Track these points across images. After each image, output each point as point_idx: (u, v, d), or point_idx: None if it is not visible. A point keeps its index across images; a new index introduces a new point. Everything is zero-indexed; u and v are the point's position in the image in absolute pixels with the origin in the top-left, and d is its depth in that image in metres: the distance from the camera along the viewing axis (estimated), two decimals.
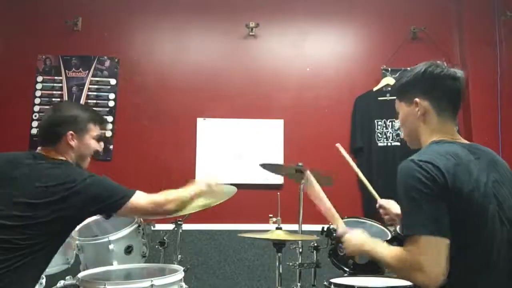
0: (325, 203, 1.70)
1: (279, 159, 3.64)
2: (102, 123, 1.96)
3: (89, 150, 1.85)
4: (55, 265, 2.44)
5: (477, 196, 1.27)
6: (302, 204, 2.64)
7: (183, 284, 2.02)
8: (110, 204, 1.68)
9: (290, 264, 2.56)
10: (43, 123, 1.85)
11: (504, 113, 3.66)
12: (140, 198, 1.73)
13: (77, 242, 2.37)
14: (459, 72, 1.46)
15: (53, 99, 3.71)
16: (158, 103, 3.73)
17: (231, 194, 2.24)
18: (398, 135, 3.60)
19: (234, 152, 3.66)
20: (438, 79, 1.44)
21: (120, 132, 3.69)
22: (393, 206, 1.85)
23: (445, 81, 1.44)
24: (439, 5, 3.94)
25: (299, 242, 2.64)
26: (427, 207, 1.24)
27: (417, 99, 1.46)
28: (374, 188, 2.16)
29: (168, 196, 1.80)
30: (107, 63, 3.78)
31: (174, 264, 2.37)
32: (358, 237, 1.53)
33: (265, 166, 2.75)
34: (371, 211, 3.07)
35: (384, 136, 3.65)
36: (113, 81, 3.76)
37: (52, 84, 3.73)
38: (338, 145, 2.19)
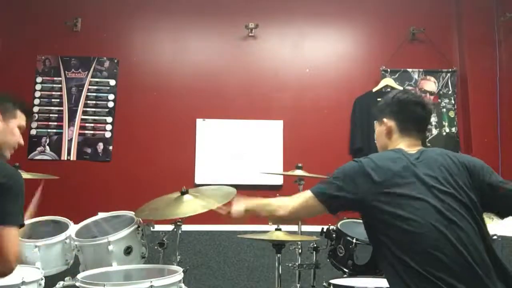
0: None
1: (278, 160, 3.64)
2: (29, 115, 1.80)
3: (13, 139, 1.71)
4: (54, 266, 2.45)
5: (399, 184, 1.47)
6: None
7: (182, 285, 2.02)
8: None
9: (290, 265, 2.56)
10: None
11: (503, 114, 3.66)
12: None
13: (76, 243, 2.37)
14: (424, 100, 1.71)
15: (53, 100, 3.71)
16: (158, 104, 3.73)
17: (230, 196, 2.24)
18: None
19: (234, 153, 3.66)
20: (404, 104, 1.68)
21: (120, 133, 3.69)
22: None
23: (409, 107, 1.67)
24: (439, 6, 3.94)
25: (299, 243, 2.64)
26: (334, 180, 1.54)
27: (384, 119, 1.71)
28: None
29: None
30: (107, 64, 3.78)
31: (173, 265, 2.37)
32: (242, 201, 1.80)
33: None
34: None
35: None
36: (112, 82, 3.76)
37: (51, 85, 3.73)
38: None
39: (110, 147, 3.67)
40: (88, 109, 3.71)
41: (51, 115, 3.69)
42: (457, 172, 1.51)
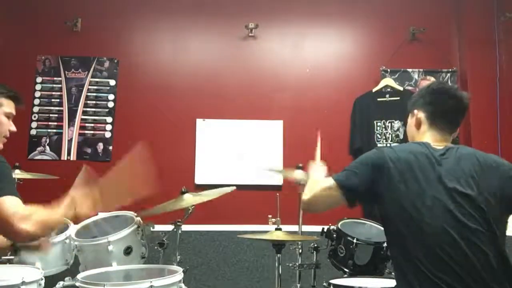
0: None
1: (278, 160, 3.64)
2: (17, 100, 1.74)
3: (2, 129, 1.68)
4: (54, 266, 2.44)
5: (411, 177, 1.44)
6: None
7: (182, 285, 2.01)
8: None
9: (290, 265, 2.55)
10: None
11: (503, 115, 3.66)
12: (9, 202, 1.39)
13: (76, 243, 2.36)
14: (460, 93, 1.61)
15: (53, 100, 3.70)
16: (158, 104, 3.72)
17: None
18: (397, 136, 3.60)
19: (234, 153, 3.66)
20: (437, 95, 1.60)
21: (120, 133, 3.69)
22: None
23: (442, 98, 1.59)
24: (439, 6, 3.94)
25: (299, 243, 2.63)
26: (354, 168, 1.53)
27: (415, 111, 1.65)
28: None
29: (35, 215, 1.42)
30: (107, 64, 3.78)
31: (173, 265, 2.37)
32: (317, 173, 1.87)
33: None
34: (370, 212, 3.07)
35: (384, 137, 3.65)
36: (112, 82, 3.76)
37: (51, 85, 3.73)
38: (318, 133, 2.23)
39: (110, 147, 3.67)
40: (88, 109, 3.71)
41: (51, 115, 3.68)
42: (481, 175, 1.44)
